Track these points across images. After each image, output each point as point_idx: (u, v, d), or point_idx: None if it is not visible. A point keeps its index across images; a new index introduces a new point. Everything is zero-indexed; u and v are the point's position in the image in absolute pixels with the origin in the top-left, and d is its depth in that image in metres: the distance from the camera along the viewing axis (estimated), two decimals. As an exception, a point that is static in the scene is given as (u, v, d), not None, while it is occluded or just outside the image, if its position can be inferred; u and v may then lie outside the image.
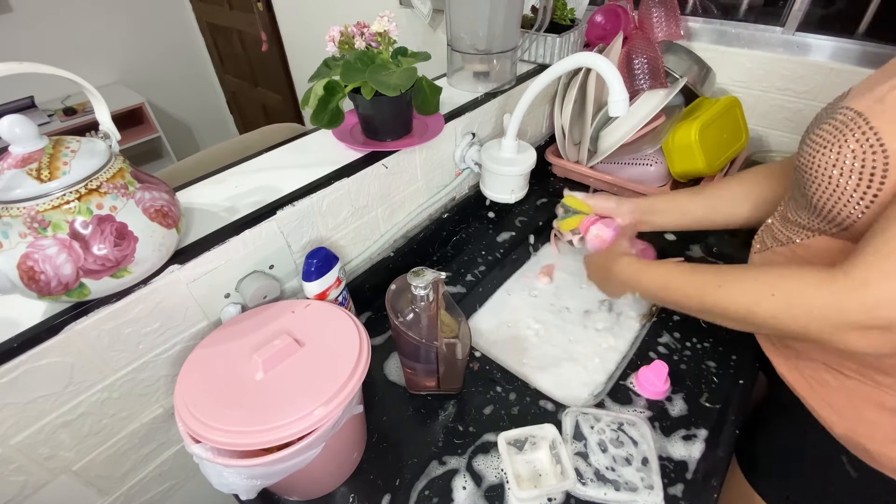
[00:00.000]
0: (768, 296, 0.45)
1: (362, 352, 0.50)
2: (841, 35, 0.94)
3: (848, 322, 0.40)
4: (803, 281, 0.43)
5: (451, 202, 0.94)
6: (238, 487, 0.44)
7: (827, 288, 0.41)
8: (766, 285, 0.46)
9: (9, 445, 0.47)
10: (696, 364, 0.68)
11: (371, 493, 0.55)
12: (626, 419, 0.60)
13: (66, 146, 0.43)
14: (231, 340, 0.52)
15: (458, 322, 0.61)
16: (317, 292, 0.61)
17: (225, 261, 0.56)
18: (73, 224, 0.41)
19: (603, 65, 0.64)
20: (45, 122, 2.05)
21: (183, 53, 2.66)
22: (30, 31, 2.08)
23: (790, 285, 0.44)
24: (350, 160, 0.69)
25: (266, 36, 2.11)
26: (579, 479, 0.54)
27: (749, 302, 0.47)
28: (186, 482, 0.69)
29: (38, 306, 0.46)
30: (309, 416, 0.43)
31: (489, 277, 0.88)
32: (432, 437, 0.60)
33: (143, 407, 0.57)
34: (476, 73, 0.88)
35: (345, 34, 0.64)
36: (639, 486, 0.54)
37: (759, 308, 0.46)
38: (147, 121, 2.33)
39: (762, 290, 0.46)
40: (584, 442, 0.58)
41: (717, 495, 0.54)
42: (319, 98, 0.64)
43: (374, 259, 0.80)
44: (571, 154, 1.04)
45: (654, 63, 0.97)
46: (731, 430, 0.60)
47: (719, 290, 0.50)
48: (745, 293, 0.48)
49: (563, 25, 0.98)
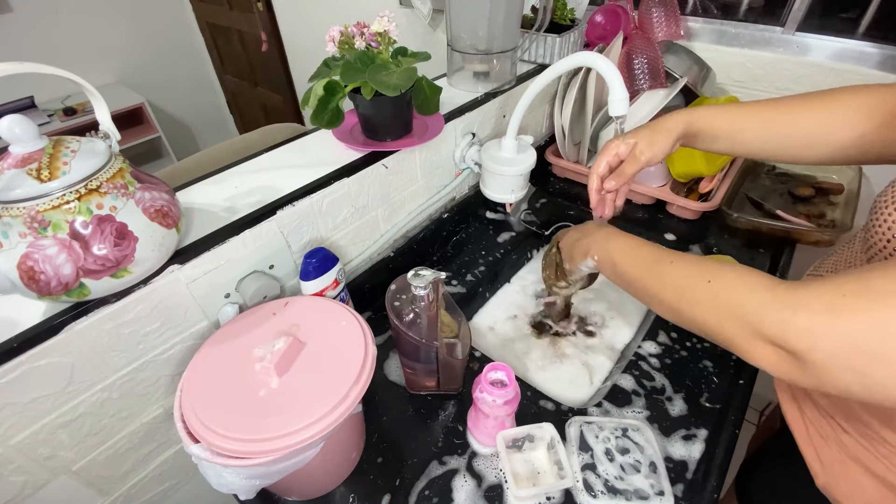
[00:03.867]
0: (704, 281, 0.44)
1: (367, 354, 0.50)
2: (841, 35, 0.94)
3: (760, 331, 0.38)
4: (744, 280, 0.41)
5: (451, 202, 0.94)
6: (237, 487, 0.44)
7: (760, 294, 0.39)
8: (708, 272, 0.44)
9: (9, 445, 0.47)
10: (696, 364, 0.68)
11: (371, 493, 0.55)
12: (629, 424, 0.60)
13: (66, 146, 0.43)
14: (234, 342, 0.52)
15: (458, 322, 0.61)
16: (314, 292, 0.61)
17: (225, 261, 0.56)
18: (73, 224, 0.41)
19: (603, 64, 0.64)
20: (45, 122, 2.05)
21: (183, 53, 2.66)
22: (30, 31, 2.08)
23: (729, 279, 0.42)
24: (350, 160, 0.68)
25: (266, 36, 2.11)
26: (589, 493, 0.53)
27: (686, 283, 0.46)
28: (186, 482, 0.69)
29: (38, 306, 0.46)
30: (317, 422, 0.43)
31: (489, 277, 0.88)
32: (432, 437, 0.60)
33: (143, 407, 0.57)
34: (476, 73, 0.88)
35: (345, 34, 0.64)
36: (650, 494, 0.53)
37: (691, 291, 0.45)
38: (147, 121, 2.33)
39: (702, 275, 0.44)
40: (591, 452, 0.57)
41: (717, 495, 0.54)
42: (319, 98, 0.64)
43: (374, 259, 0.80)
44: (571, 154, 1.04)
45: (654, 63, 0.97)
46: (731, 429, 0.60)
47: (670, 266, 0.48)
48: (687, 275, 0.46)
49: (563, 25, 0.98)
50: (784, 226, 0.86)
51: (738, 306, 0.40)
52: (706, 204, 0.91)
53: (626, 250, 0.56)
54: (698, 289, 0.44)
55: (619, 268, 0.56)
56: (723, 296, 0.42)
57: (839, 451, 0.51)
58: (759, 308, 0.38)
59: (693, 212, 0.93)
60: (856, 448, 0.49)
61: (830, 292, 0.35)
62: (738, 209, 0.90)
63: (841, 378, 0.34)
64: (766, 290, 0.39)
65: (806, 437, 0.55)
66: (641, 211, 1.00)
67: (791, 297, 0.37)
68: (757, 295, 0.39)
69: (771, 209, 0.90)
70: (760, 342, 0.39)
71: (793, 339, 0.36)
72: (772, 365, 0.39)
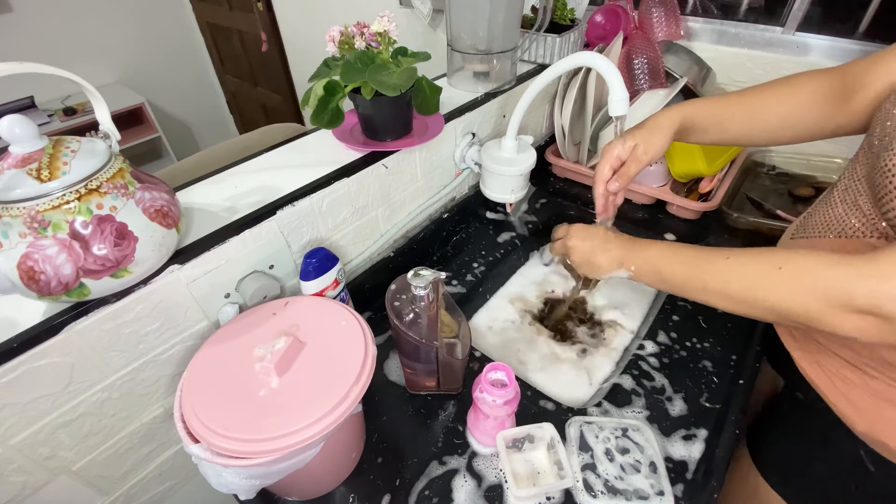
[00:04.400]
0: (775, 269, 0.45)
1: (367, 354, 0.50)
2: (841, 35, 0.94)
3: (851, 304, 0.40)
4: (818, 260, 0.43)
5: (451, 202, 0.94)
6: (237, 487, 0.44)
7: (842, 268, 0.41)
8: (774, 259, 0.46)
9: (9, 445, 0.47)
10: (696, 364, 0.68)
11: (371, 493, 0.55)
12: (629, 424, 0.60)
13: (66, 146, 0.43)
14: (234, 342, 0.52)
15: (458, 322, 0.61)
16: (314, 292, 0.61)
17: (225, 261, 0.56)
18: (73, 224, 0.41)
19: (603, 64, 0.64)
20: (45, 122, 2.05)
21: (183, 53, 2.66)
22: (30, 31, 2.08)
23: (802, 261, 0.44)
24: (350, 160, 0.69)
25: (266, 36, 2.11)
26: (589, 493, 0.54)
27: (754, 273, 0.47)
28: (186, 482, 0.69)
29: (38, 306, 0.46)
30: (317, 422, 0.43)
31: (489, 277, 0.88)
32: (432, 437, 0.60)
33: (143, 407, 0.57)
34: (476, 73, 0.88)
35: (345, 34, 0.64)
36: (649, 494, 0.53)
37: (763, 280, 0.46)
38: (147, 121, 2.33)
39: (770, 262, 0.46)
40: (591, 452, 0.57)
41: (717, 495, 0.54)
42: (319, 98, 0.64)
43: (374, 259, 0.80)
44: (571, 154, 1.04)
45: (654, 63, 0.97)
46: (731, 429, 0.60)
47: (727, 261, 0.50)
48: (753, 266, 0.48)
49: (563, 25, 0.98)
50: (784, 226, 0.85)
51: (822, 286, 0.42)
52: (706, 204, 0.91)
53: (669, 256, 0.56)
54: (771, 277, 0.46)
55: (665, 274, 0.57)
56: (803, 279, 0.44)
57: (871, 396, 0.52)
58: (845, 283, 0.41)
59: (693, 212, 0.93)
60: (886, 390, 0.51)
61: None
62: (738, 209, 0.90)
63: None
64: (848, 266, 0.41)
65: (834, 390, 0.56)
66: (641, 211, 1.00)
67: (875, 268, 0.40)
68: (840, 271, 0.41)
69: (771, 209, 0.90)
70: (851, 314, 0.41)
71: (887, 306, 0.38)
72: (862, 331, 0.41)
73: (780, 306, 0.46)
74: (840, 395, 0.55)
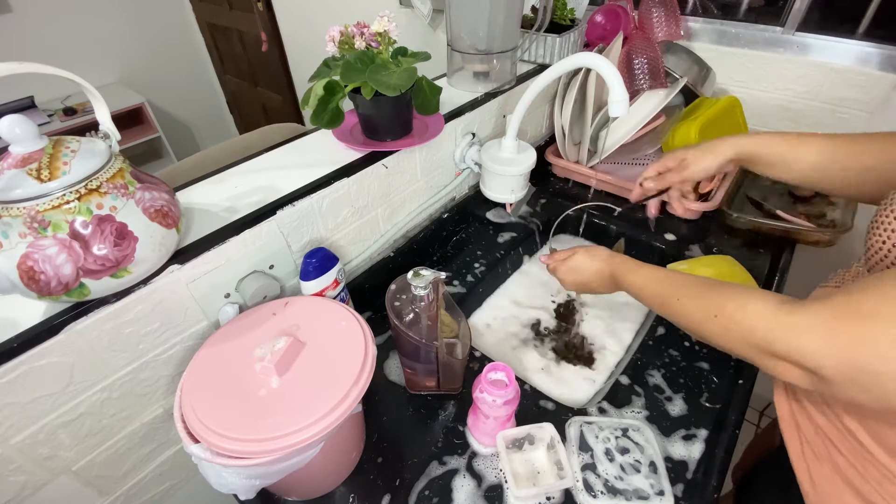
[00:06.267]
0: (711, 317, 0.47)
1: (367, 354, 0.50)
2: (841, 35, 0.94)
3: (772, 352, 0.41)
4: (746, 310, 0.44)
5: (451, 202, 0.94)
6: (237, 487, 0.44)
7: (765, 321, 0.41)
8: (713, 306, 0.47)
9: (9, 445, 0.47)
10: (696, 364, 0.68)
11: (371, 493, 0.55)
12: (629, 424, 0.60)
13: (66, 146, 0.43)
14: (234, 342, 0.52)
15: (458, 322, 0.61)
16: (314, 292, 0.61)
17: (225, 261, 0.56)
18: (73, 224, 0.41)
19: (603, 65, 0.64)
20: (45, 122, 2.05)
21: (183, 53, 2.66)
22: (30, 31, 2.08)
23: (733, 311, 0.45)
24: (350, 160, 0.69)
25: (266, 36, 2.11)
26: (589, 493, 0.54)
27: (699, 319, 0.49)
28: (186, 482, 0.69)
29: (38, 306, 0.46)
30: (317, 422, 0.43)
31: (489, 277, 0.88)
32: (432, 437, 0.60)
33: (144, 407, 0.57)
34: (476, 73, 0.88)
35: (345, 34, 0.64)
36: (649, 494, 0.53)
37: (705, 326, 0.48)
38: (147, 121, 2.33)
39: (709, 310, 0.48)
40: (591, 452, 0.57)
41: (717, 495, 0.54)
42: (319, 98, 0.64)
43: (374, 259, 0.80)
44: (571, 154, 1.04)
45: (654, 63, 0.97)
46: (731, 430, 0.60)
47: (677, 303, 0.52)
48: (696, 311, 0.50)
49: (563, 25, 0.98)
50: (784, 226, 0.86)
51: (749, 335, 0.43)
52: (706, 204, 0.91)
53: (641, 287, 0.59)
54: (709, 324, 0.48)
55: (642, 301, 0.60)
56: (733, 328, 0.45)
57: (831, 471, 0.51)
58: (766, 334, 0.41)
59: (693, 212, 0.93)
60: (848, 469, 0.49)
61: (826, 313, 0.38)
62: (738, 209, 0.90)
63: (850, 392, 0.37)
64: (771, 316, 0.41)
65: (800, 455, 0.55)
66: (642, 211, 0.99)
67: (792, 320, 0.40)
68: (762, 322, 0.42)
69: (771, 209, 0.90)
70: (781, 360, 0.41)
71: (801, 360, 0.38)
72: (796, 378, 0.41)
73: (726, 348, 0.47)
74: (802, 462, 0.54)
